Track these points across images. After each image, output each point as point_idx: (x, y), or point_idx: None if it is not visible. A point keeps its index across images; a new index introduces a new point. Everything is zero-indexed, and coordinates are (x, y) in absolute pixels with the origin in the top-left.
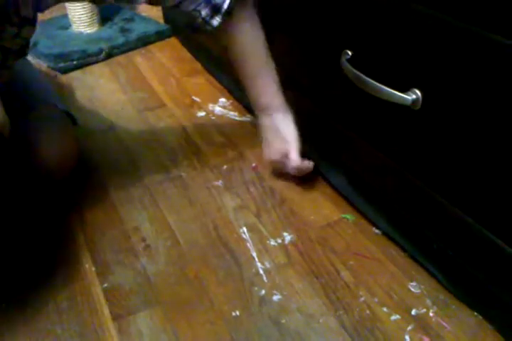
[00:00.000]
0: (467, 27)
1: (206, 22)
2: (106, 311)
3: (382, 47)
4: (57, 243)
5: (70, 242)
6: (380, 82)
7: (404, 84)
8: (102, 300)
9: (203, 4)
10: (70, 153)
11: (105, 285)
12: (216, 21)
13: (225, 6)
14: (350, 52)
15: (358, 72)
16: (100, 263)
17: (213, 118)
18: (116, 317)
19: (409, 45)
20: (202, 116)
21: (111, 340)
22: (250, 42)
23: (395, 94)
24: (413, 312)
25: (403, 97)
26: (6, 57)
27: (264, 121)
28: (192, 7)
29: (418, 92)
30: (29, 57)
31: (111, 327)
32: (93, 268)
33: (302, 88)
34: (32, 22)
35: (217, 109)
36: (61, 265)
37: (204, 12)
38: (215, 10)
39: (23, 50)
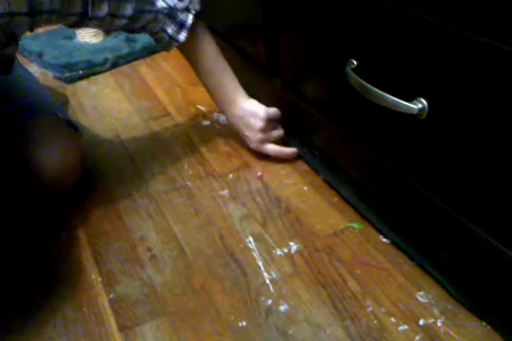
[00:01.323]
0: (473, 36)
1: (173, 39)
2: (112, 322)
3: (388, 56)
4: (63, 253)
5: (75, 252)
6: (385, 91)
7: (410, 93)
8: (109, 311)
9: (168, 22)
10: (72, 165)
11: (111, 295)
12: (183, 36)
13: (189, 21)
14: (355, 62)
15: (363, 81)
16: (106, 273)
17: (218, 127)
18: (122, 328)
19: (415, 54)
20: (207, 125)
21: None
22: (209, 50)
23: (400, 103)
24: (421, 322)
25: (409, 106)
26: None
27: (233, 112)
28: (159, 27)
29: (424, 101)
30: (35, 67)
31: (117, 338)
32: (99, 279)
33: (306, 97)
34: (17, 40)
35: (222, 118)
36: (67, 276)
37: (170, 29)
38: (181, 26)
39: (6, 67)
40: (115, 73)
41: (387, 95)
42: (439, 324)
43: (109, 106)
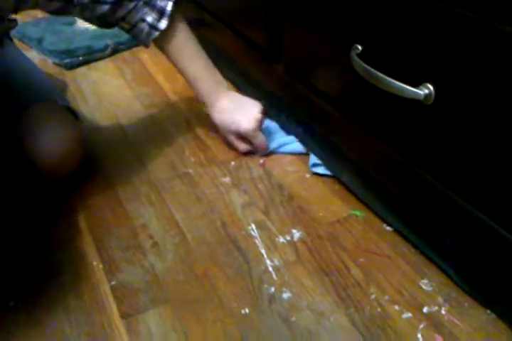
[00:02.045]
0: (482, 19)
1: (154, 27)
2: (114, 309)
3: (393, 42)
4: (64, 240)
5: (76, 240)
6: (391, 77)
7: (417, 78)
8: (110, 299)
9: (148, 11)
10: (72, 151)
11: (113, 282)
12: (164, 24)
13: (169, 8)
14: (360, 47)
15: (368, 67)
16: (108, 260)
17: None
18: (124, 316)
19: (422, 39)
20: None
21: (120, 339)
22: (189, 41)
23: (407, 88)
24: (425, 310)
25: (416, 92)
26: None
27: (220, 105)
28: (138, 17)
29: (431, 87)
30: (34, 53)
31: (120, 325)
32: (101, 266)
33: (310, 83)
34: (4, 20)
35: None
36: (68, 263)
37: (151, 18)
38: (161, 13)
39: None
40: (115, 59)
41: (393, 80)
42: (443, 312)
43: (110, 92)
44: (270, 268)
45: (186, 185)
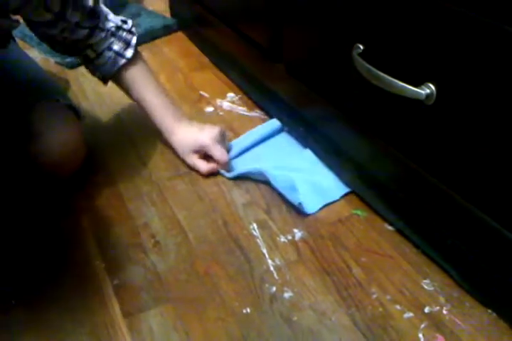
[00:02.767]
0: (484, 20)
1: (120, 54)
2: (117, 308)
3: (395, 41)
4: (67, 240)
5: (79, 239)
6: (393, 77)
7: (418, 78)
8: (113, 298)
9: (114, 41)
10: (73, 150)
11: (115, 282)
12: (130, 53)
13: (133, 41)
14: (361, 46)
15: (370, 67)
16: (110, 259)
17: (221, 113)
18: (126, 315)
19: (423, 38)
20: (210, 112)
21: (122, 337)
22: (149, 70)
23: (408, 88)
24: (426, 309)
25: (417, 92)
26: None
27: (178, 130)
28: (105, 45)
29: (432, 87)
30: (36, 53)
31: (122, 324)
32: (103, 265)
33: (311, 83)
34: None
35: (226, 104)
36: (71, 262)
37: (117, 47)
38: (127, 44)
39: (2, 41)
40: None
41: (395, 80)
42: (444, 312)
43: (111, 91)
44: (271, 268)
45: (188, 184)
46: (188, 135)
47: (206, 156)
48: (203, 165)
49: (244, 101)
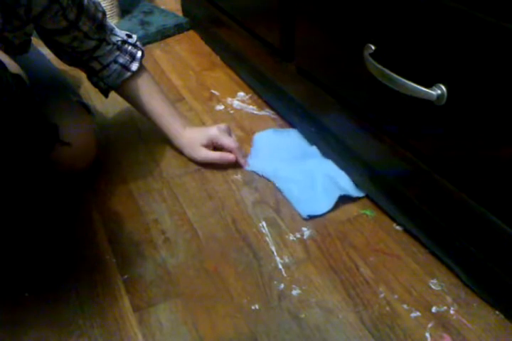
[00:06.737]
0: (495, 21)
1: (126, 67)
2: (127, 302)
3: (406, 42)
4: (77, 234)
5: (90, 234)
6: (404, 77)
7: (429, 79)
8: (123, 292)
9: (120, 54)
10: (85, 147)
11: (125, 276)
12: (135, 66)
13: (139, 55)
14: (373, 47)
15: (381, 67)
16: (120, 254)
17: (232, 112)
18: (136, 309)
19: (435, 39)
20: (220, 110)
21: (131, 331)
22: (154, 82)
23: (419, 89)
24: (433, 309)
25: (428, 92)
26: (6, 50)
27: (185, 133)
28: (111, 58)
29: (443, 87)
30: (48, 50)
31: (132, 318)
32: (113, 260)
33: (322, 82)
34: (37, 21)
35: (236, 103)
36: (82, 256)
37: (123, 59)
38: (132, 57)
39: (24, 46)
40: None
41: (406, 81)
42: (451, 312)
43: None
44: (280, 266)
45: (198, 181)
46: (196, 133)
47: (216, 149)
48: (216, 154)
49: (254, 100)
